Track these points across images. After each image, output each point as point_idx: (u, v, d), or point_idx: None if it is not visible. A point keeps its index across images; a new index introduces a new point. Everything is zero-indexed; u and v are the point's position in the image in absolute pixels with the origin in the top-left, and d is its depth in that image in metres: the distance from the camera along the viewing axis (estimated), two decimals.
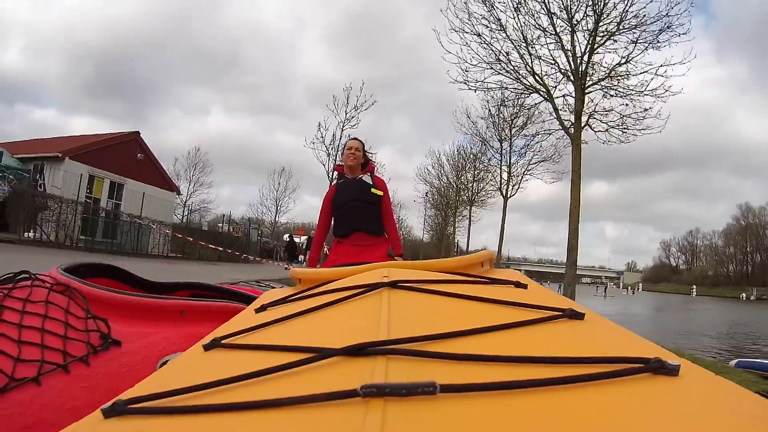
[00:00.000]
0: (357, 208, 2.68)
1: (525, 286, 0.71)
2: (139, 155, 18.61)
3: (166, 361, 1.05)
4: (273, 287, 3.69)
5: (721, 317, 22.49)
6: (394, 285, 0.61)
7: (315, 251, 2.95)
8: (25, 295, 0.98)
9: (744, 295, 63.19)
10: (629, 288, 70.17)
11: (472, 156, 22.20)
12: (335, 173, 2.97)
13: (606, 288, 58.49)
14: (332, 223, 2.84)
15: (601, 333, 0.51)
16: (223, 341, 0.54)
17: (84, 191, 15.63)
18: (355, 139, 2.95)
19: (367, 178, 2.76)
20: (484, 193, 22.74)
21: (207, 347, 0.53)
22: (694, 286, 69.76)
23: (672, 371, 0.36)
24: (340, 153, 2.68)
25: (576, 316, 0.51)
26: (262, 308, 0.71)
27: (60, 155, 15.24)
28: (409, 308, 0.55)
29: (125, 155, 17.87)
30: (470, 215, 24.16)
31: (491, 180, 21.01)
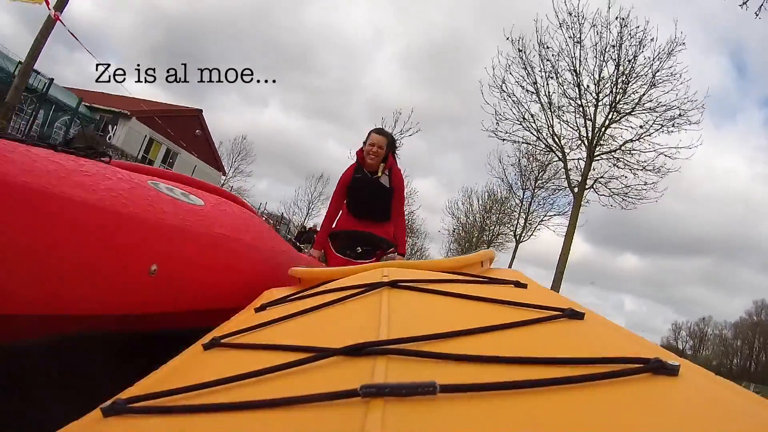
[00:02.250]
0: (370, 209, 2.64)
1: (525, 286, 0.70)
2: (197, 131, 19.94)
3: None
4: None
5: None
6: (393, 284, 0.60)
7: (323, 233, 2.80)
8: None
9: None
10: None
11: (501, 199, 23.25)
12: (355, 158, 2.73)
13: None
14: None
15: (602, 333, 0.51)
16: (222, 340, 0.53)
17: (142, 151, 17.16)
18: (380, 133, 2.57)
19: (384, 180, 2.60)
20: (503, 236, 23.73)
21: (206, 346, 0.53)
22: None
23: (672, 371, 0.36)
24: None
25: (576, 316, 0.51)
26: (261, 308, 0.70)
27: (129, 114, 16.52)
28: (409, 308, 0.54)
29: (185, 127, 18.95)
30: None
31: (509, 224, 22.10)
